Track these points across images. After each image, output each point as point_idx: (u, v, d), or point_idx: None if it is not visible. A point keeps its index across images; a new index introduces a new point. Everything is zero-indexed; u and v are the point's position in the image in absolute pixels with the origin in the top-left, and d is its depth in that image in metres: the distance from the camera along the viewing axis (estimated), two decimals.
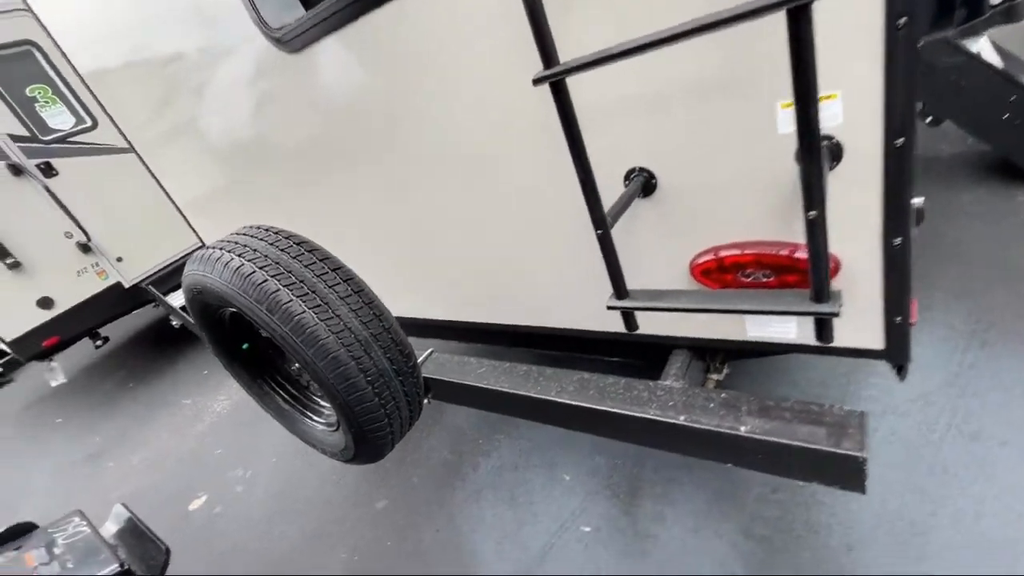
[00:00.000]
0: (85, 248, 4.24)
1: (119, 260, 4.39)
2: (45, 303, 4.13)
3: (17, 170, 3.95)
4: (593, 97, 1.07)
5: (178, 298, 3.48)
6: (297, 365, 1.87)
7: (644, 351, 1.53)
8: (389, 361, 1.40)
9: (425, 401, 1.69)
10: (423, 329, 2.13)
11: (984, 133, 2.73)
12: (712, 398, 1.18)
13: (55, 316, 4.19)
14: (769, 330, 1.18)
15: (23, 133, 3.98)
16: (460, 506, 2.30)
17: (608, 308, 1.06)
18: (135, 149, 2.69)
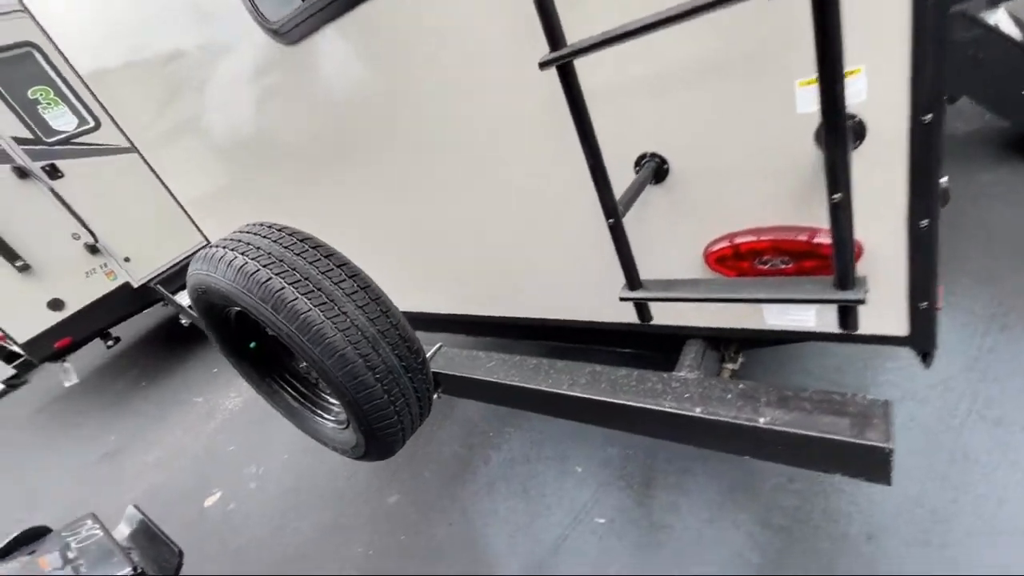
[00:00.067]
0: (93, 249, 4.26)
1: (127, 260, 4.42)
2: (56, 305, 4.16)
3: (23, 173, 3.96)
4: (602, 81, 1.03)
5: (186, 297, 3.48)
6: (305, 363, 1.85)
7: (657, 342, 1.50)
8: (397, 357, 1.38)
9: (435, 396, 1.67)
10: (430, 323, 2.11)
11: (1003, 109, 2.65)
12: (729, 389, 1.15)
13: (66, 317, 4.21)
14: (787, 318, 1.15)
15: (27, 136, 3.99)
16: (472, 499, 2.29)
17: (621, 300, 1.03)
18: (137, 149, 2.68)
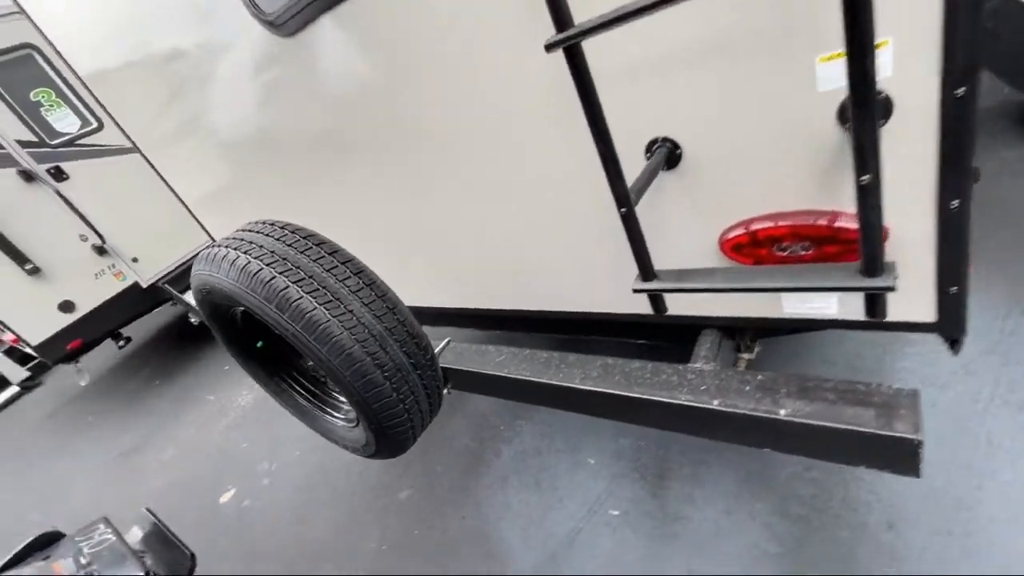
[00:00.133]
0: (101, 250, 4.28)
1: (135, 260, 4.43)
2: (66, 307, 4.19)
3: (28, 176, 3.97)
4: (611, 63, 0.99)
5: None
6: (312, 362, 1.84)
7: (671, 332, 1.47)
8: (406, 355, 1.36)
9: (445, 392, 1.65)
10: (438, 318, 2.08)
11: (1022, 83, 2.56)
12: (747, 380, 1.12)
13: (77, 319, 4.24)
14: (808, 306, 1.11)
15: (31, 139, 3.98)
16: (485, 493, 2.28)
17: (634, 291, 0.99)
18: (139, 149, 2.65)
